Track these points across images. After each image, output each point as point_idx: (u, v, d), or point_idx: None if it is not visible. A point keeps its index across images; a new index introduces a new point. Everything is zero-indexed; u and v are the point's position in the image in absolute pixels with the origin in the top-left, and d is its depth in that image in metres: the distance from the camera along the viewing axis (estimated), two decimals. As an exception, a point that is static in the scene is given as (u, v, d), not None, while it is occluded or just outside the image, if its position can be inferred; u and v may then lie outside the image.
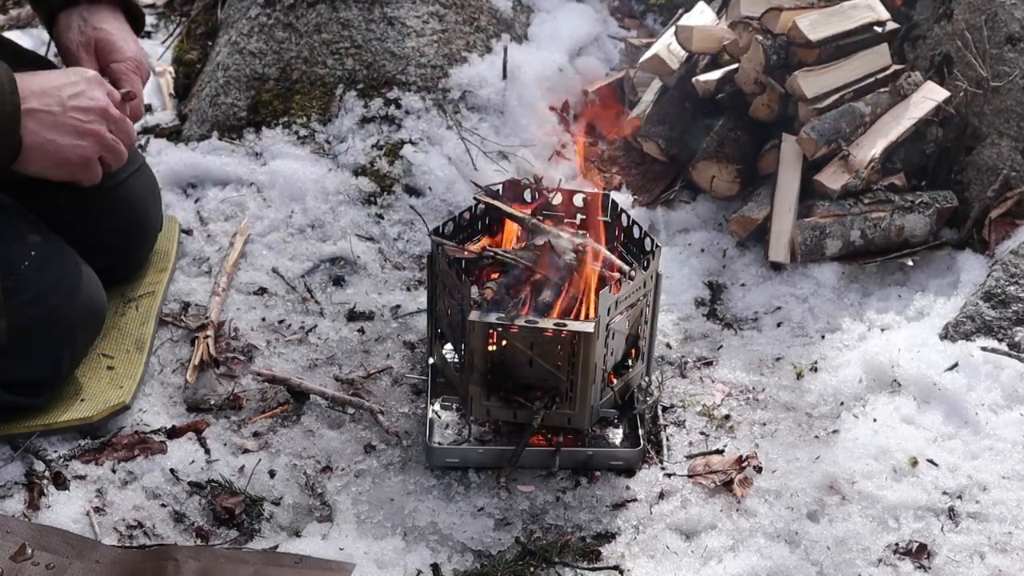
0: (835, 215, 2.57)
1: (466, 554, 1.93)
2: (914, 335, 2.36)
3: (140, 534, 1.92)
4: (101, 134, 1.90)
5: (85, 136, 1.88)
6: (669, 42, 2.87)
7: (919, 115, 2.67)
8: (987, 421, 2.17)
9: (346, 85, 2.86)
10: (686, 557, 1.93)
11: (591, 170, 2.87)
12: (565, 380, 2.02)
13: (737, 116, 2.75)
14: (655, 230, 2.71)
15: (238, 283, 2.49)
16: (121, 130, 1.95)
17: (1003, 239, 2.55)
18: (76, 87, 1.88)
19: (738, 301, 2.55)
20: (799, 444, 2.16)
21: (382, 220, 2.68)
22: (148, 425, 2.13)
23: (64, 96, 1.85)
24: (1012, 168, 2.61)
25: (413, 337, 2.39)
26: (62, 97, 1.85)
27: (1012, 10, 2.69)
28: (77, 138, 1.87)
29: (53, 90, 1.85)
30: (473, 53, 2.96)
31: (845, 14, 2.73)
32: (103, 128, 1.90)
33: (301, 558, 1.85)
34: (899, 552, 1.95)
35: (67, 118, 1.85)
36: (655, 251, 2.10)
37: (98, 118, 1.89)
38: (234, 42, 2.96)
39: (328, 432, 2.15)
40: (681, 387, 2.31)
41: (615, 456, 2.10)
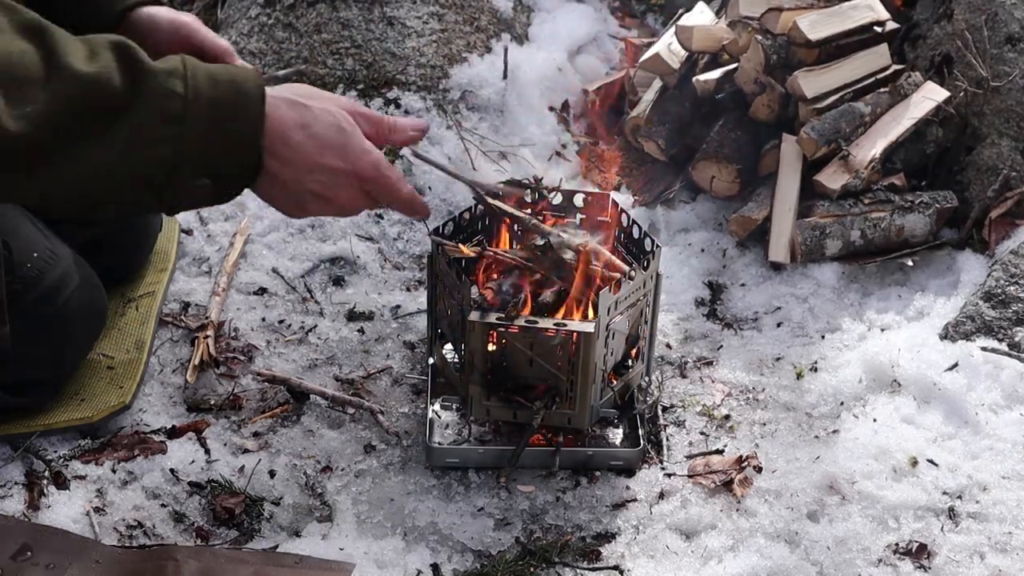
0: (835, 215, 2.58)
1: (466, 554, 1.93)
2: (914, 335, 2.36)
3: (140, 534, 1.92)
4: (326, 213, 1.67)
5: (309, 213, 1.66)
6: (669, 42, 2.87)
7: (919, 115, 2.67)
8: (987, 421, 2.17)
9: (346, 85, 2.86)
10: (686, 557, 1.93)
11: (595, 171, 2.87)
12: (565, 380, 2.02)
13: (737, 116, 2.75)
14: (655, 230, 2.71)
15: (238, 283, 2.49)
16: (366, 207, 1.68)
17: (1003, 239, 2.55)
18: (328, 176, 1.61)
19: (738, 301, 2.55)
20: (799, 444, 2.16)
21: (382, 220, 2.68)
22: (148, 425, 2.13)
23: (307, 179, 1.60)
24: (1012, 168, 2.61)
25: (413, 337, 2.39)
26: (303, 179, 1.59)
27: (1012, 10, 2.69)
28: (298, 210, 1.65)
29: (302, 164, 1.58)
30: (473, 53, 2.96)
31: (845, 14, 2.73)
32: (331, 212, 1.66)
33: (301, 558, 1.85)
34: (899, 552, 1.95)
35: (296, 196, 1.62)
36: (655, 251, 2.10)
37: (332, 208, 1.65)
38: (234, 42, 2.96)
39: (328, 432, 2.16)
40: (681, 387, 2.31)
41: (615, 456, 2.10)
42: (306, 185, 1.61)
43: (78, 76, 1.45)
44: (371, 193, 1.66)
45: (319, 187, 1.62)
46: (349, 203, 1.66)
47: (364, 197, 1.66)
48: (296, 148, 1.58)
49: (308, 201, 1.63)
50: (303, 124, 1.58)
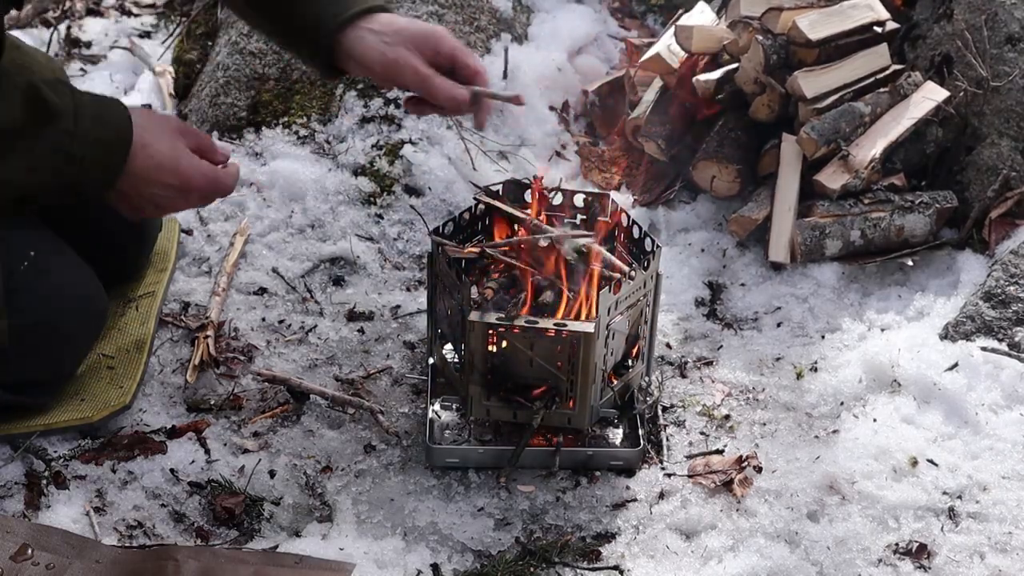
0: (835, 215, 2.57)
1: (466, 554, 1.93)
2: (914, 335, 2.36)
3: (140, 534, 1.92)
4: (177, 207, 1.91)
5: (162, 209, 1.90)
6: (669, 42, 2.87)
7: (919, 115, 2.67)
8: (987, 421, 2.17)
9: (346, 85, 2.86)
10: (686, 557, 1.93)
11: (595, 171, 2.87)
12: (565, 380, 2.02)
13: (737, 116, 2.75)
14: (655, 230, 2.71)
15: (238, 283, 2.49)
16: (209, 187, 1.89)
17: (1003, 239, 2.55)
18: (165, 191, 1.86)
19: (738, 301, 2.55)
20: (799, 444, 2.16)
21: (382, 220, 2.68)
22: (148, 425, 2.13)
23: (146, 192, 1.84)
24: (1012, 168, 2.61)
25: (413, 337, 2.39)
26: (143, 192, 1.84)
27: (1012, 10, 2.69)
28: (155, 210, 1.89)
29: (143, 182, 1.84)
30: (473, 53, 2.96)
31: (845, 14, 2.73)
32: (182, 202, 1.89)
33: (301, 558, 1.85)
34: (899, 552, 1.95)
35: (143, 203, 1.87)
36: (655, 251, 2.10)
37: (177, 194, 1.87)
38: (234, 42, 2.96)
39: (328, 432, 2.16)
40: (681, 387, 2.31)
41: (615, 456, 2.10)
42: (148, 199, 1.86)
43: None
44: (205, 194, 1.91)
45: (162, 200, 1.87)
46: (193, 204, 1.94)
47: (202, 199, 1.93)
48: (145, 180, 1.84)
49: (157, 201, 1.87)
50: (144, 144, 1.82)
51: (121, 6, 3.62)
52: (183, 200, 1.89)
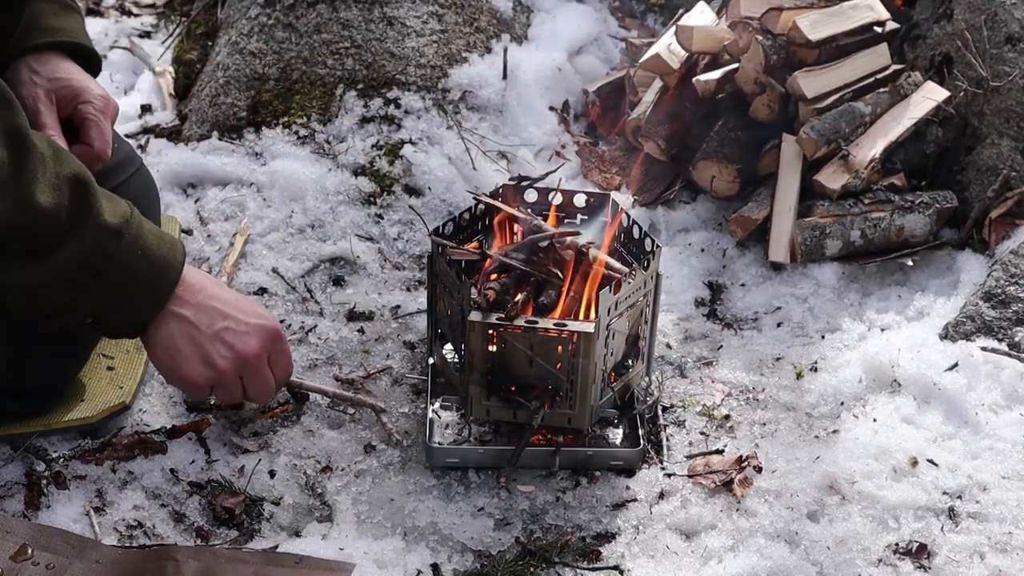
0: (835, 215, 2.58)
1: (466, 554, 1.93)
2: (914, 335, 2.36)
3: (140, 534, 1.92)
4: (224, 374, 1.81)
5: (207, 366, 1.79)
6: (669, 42, 2.87)
7: (919, 115, 2.67)
8: (987, 421, 2.17)
9: (346, 85, 2.87)
10: (686, 557, 1.93)
11: (595, 171, 2.87)
12: (565, 380, 2.02)
13: (737, 116, 2.75)
14: (655, 230, 2.71)
15: (238, 283, 2.49)
16: (254, 384, 1.86)
17: (1003, 239, 2.55)
18: (239, 325, 1.79)
19: (738, 301, 2.55)
20: (799, 444, 2.16)
21: (382, 220, 2.68)
22: (148, 425, 2.13)
23: (218, 326, 1.77)
24: (1012, 168, 2.61)
25: (413, 337, 2.39)
26: (215, 325, 1.77)
27: (1012, 10, 2.69)
28: (199, 363, 1.79)
29: (216, 313, 1.77)
30: (473, 53, 2.96)
31: (845, 14, 2.73)
32: (230, 369, 1.81)
33: (301, 558, 1.85)
34: (899, 552, 1.95)
35: (206, 340, 1.77)
36: (655, 251, 2.10)
37: (234, 359, 1.80)
38: (234, 42, 2.96)
39: (328, 432, 2.16)
40: (681, 387, 2.31)
41: (615, 456, 2.10)
42: (219, 333, 1.78)
43: (32, 207, 1.61)
44: (271, 355, 1.84)
45: (231, 336, 1.79)
46: (255, 359, 1.82)
47: (265, 356, 1.84)
48: (211, 299, 1.78)
49: (216, 353, 1.78)
50: (217, 283, 1.80)
51: (121, 6, 3.62)
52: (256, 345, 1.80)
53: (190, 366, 1.80)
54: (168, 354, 1.79)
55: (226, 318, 1.78)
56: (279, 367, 1.89)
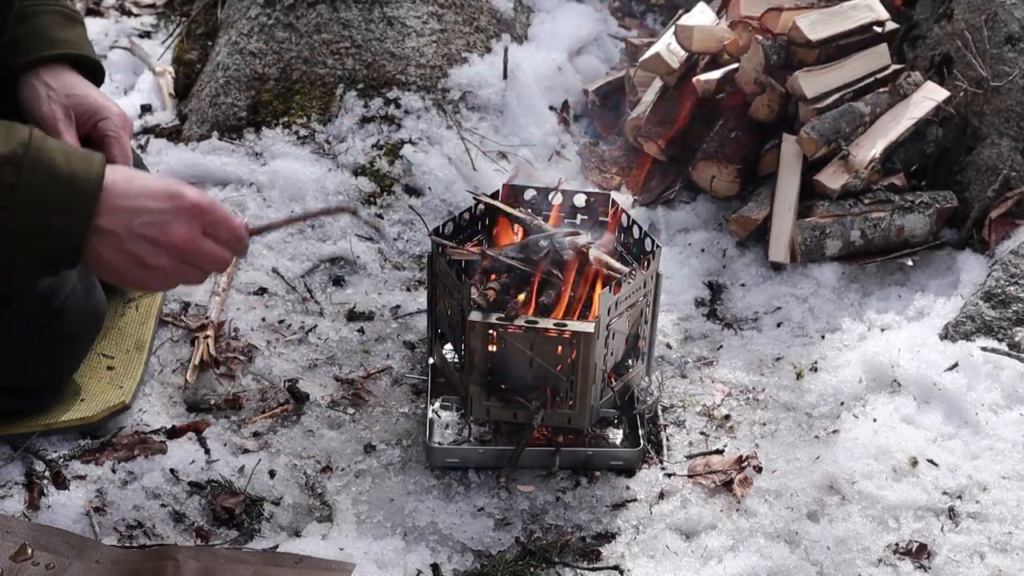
0: (835, 215, 2.58)
1: (466, 554, 1.93)
2: (914, 335, 2.36)
3: (140, 534, 1.92)
4: (164, 268, 1.67)
5: (145, 268, 1.65)
6: (669, 42, 2.87)
7: (919, 115, 2.67)
8: (987, 421, 2.17)
9: (346, 85, 2.87)
10: (686, 557, 1.93)
11: (595, 171, 2.87)
12: (565, 380, 2.02)
13: (737, 116, 2.75)
14: (655, 230, 2.71)
15: (238, 283, 2.49)
16: (200, 261, 1.70)
17: (1003, 239, 2.55)
18: (155, 216, 1.64)
19: (738, 301, 2.55)
20: (799, 444, 2.16)
21: (382, 220, 2.68)
22: (148, 425, 2.13)
23: (135, 223, 1.62)
24: (1012, 168, 2.61)
25: (413, 337, 2.39)
26: (132, 223, 1.62)
27: (1012, 10, 2.69)
28: (136, 267, 1.66)
29: (127, 211, 1.62)
30: (473, 53, 2.96)
31: (845, 14, 2.73)
32: (168, 262, 1.66)
33: (301, 558, 1.85)
34: (899, 552, 1.95)
35: (131, 245, 1.63)
36: (655, 251, 2.10)
37: (165, 252, 1.66)
38: (234, 42, 2.96)
39: (328, 432, 2.16)
40: (681, 387, 2.31)
41: (615, 456, 2.10)
42: (136, 230, 1.62)
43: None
44: (205, 228, 1.68)
45: (151, 229, 1.63)
46: (185, 243, 1.65)
47: (198, 234, 1.67)
48: (120, 197, 1.62)
49: (144, 252, 1.63)
50: (128, 177, 1.63)
51: (121, 6, 3.62)
52: (180, 228, 1.65)
53: (130, 274, 1.67)
54: (108, 271, 1.67)
55: (140, 213, 1.63)
56: (221, 235, 1.71)
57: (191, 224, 1.66)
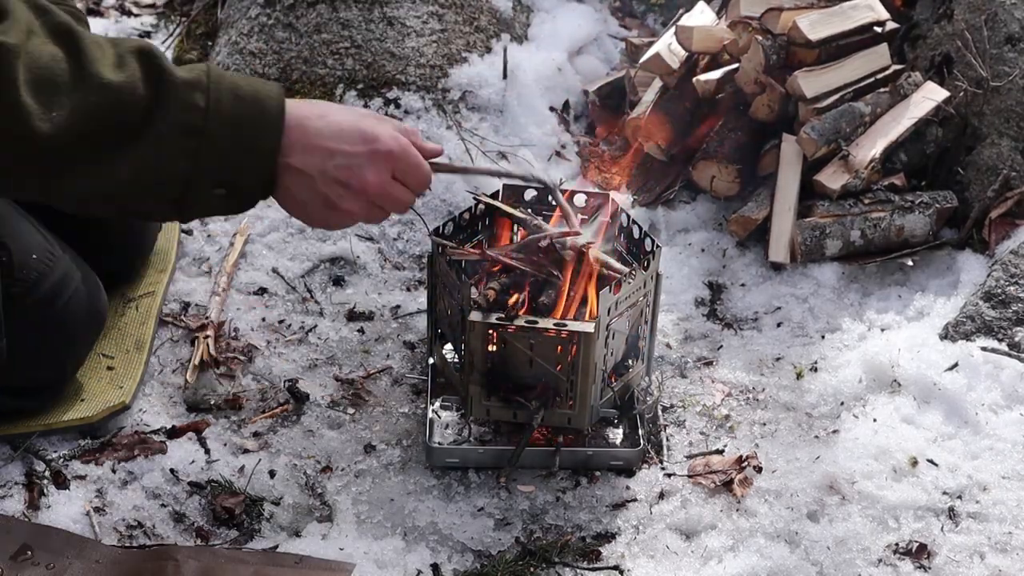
0: (835, 215, 2.58)
1: (466, 554, 1.93)
2: (914, 335, 2.36)
3: (140, 534, 1.92)
4: (352, 213, 1.67)
5: (335, 210, 1.66)
6: (669, 42, 2.87)
7: (919, 115, 2.67)
8: (987, 421, 2.17)
9: (346, 85, 2.87)
10: (686, 557, 1.93)
11: (595, 171, 2.87)
12: (565, 380, 2.02)
13: (737, 116, 2.75)
14: (655, 230, 2.71)
15: (238, 283, 2.49)
16: (390, 204, 1.70)
17: (1003, 239, 2.55)
18: (349, 159, 1.63)
19: (738, 301, 2.55)
20: (799, 444, 2.16)
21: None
22: (148, 425, 2.13)
23: (329, 165, 1.62)
24: (1012, 168, 2.61)
25: (413, 337, 2.39)
26: (326, 166, 1.62)
27: (1012, 10, 2.69)
28: (325, 209, 1.66)
29: (321, 151, 1.61)
30: (473, 53, 2.96)
31: (845, 14, 2.73)
32: (358, 206, 1.67)
33: (301, 558, 1.85)
34: (899, 552, 1.95)
35: (324, 187, 1.63)
36: (655, 251, 2.10)
37: (355, 197, 1.65)
38: (234, 42, 2.96)
39: (328, 432, 2.16)
40: (681, 387, 2.31)
41: (615, 456, 2.10)
42: (330, 174, 1.62)
43: (104, 85, 1.49)
44: (396, 173, 1.67)
45: (344, 173, 1.63)
46: (377, 188, 1.66)
47: (389, 179, 1.67)
48: (315, 136, 1.61)
49: (336, 195, 1.63)
50: (321, 114, 1.62)
51: (121, 6, 3.62)
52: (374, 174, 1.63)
53: (320, 215, 1.67)
54: (297, 208, 1.66)
55: (333, 155, 1.62)
56: (411, 180, 1.71)
57: (384, 169, 1.66)
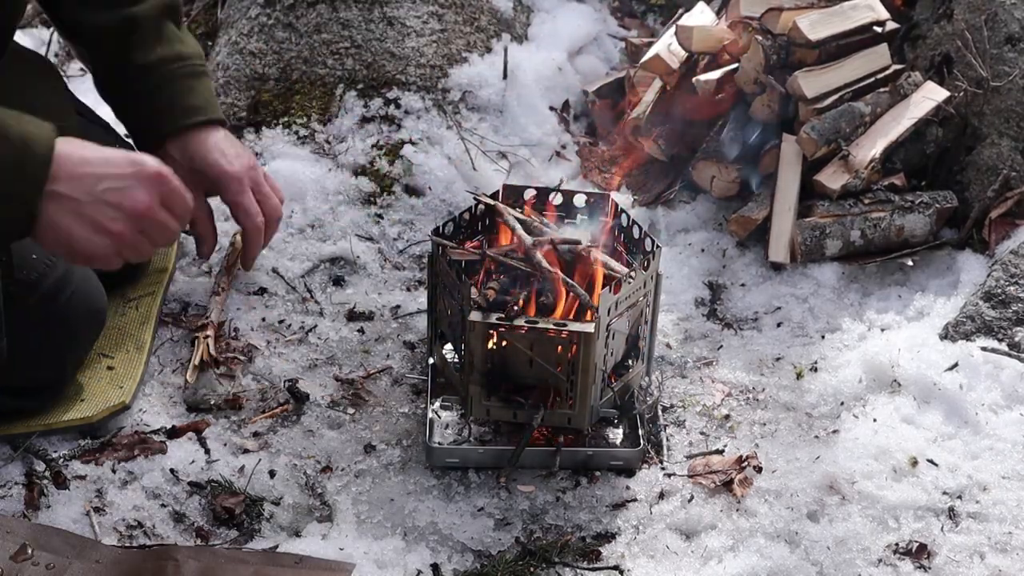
0: (835, 215, 2.58)
1: (466, 554, 1.93)
2: (914, 335, 2.36)
3: (140, 534, 1.92)
4: (122, 235, 1.66)
5: (103, 234, 1.64)
6: (669, 42, 2.87)
7: (919, 115, 2.67)
8: (987, 421, 2.17)
9: (346, 85, 2.87)
10: (686, 557, 1.93)
11: (596, 171, 2.87)
12: (565, 380, 2.02)
13: (737, 116, 2.75)
14: (655, 230, 2.71)
15: (238, 283, 2.49)
16: (155, 231, 1.70)
17: (1003, 239, 2.55)
18: (117, 181, 1.64)
19: (738, 301, 2.55)
20: (799, 444, 2.16)
21: (382, 220, 2.68)
22: (148, 425, 2.13)
23: (98, 188, 1.62)
24: (1012, 168, 2.61)
25: (413, 337, 2.39)
26: (95, 189, 1.62)
27: (1012, 10, 2.69)
28: (93, 233, 1.64)
29: (89, 177, 1.62)
30: (473, 53, 2.96)
31: (845, 14, 2.73)
32: (127, 229, 1.65)
33: (301, 558, 1.85)
34: (899, 552, 1.95)
35: (91, 209, 1.62)
36: (655, 251, 2.10)
37: (126, 218, 1.65)
38: (234, 42, 2.96)
39: (328, 432, 2.16)
40: (681, 387, 2.31)
41: (615, 456, 2.10)
42: (100, 196, 1.61)
43: None
44: (163, 198, 1.67)
45: (114, 196, 1.62)
46: (146, 210, 1.65)
47: (158, 203, 1.67)
48: (81, 164, 1.61)
49: (105, 216, 1.62)
50: (84, 145, 1.62)
51: (121, 6, 3.61)
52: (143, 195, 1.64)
53: (86, 241, 1.64)
54: (60, 238, 1.64)
55: (102, 179, 1.63)
56: (176, 207, 1.71)
57: (152, 192, 1.66)
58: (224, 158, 1.96)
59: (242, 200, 1.97)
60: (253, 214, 1.98)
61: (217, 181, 1.96)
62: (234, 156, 1.97)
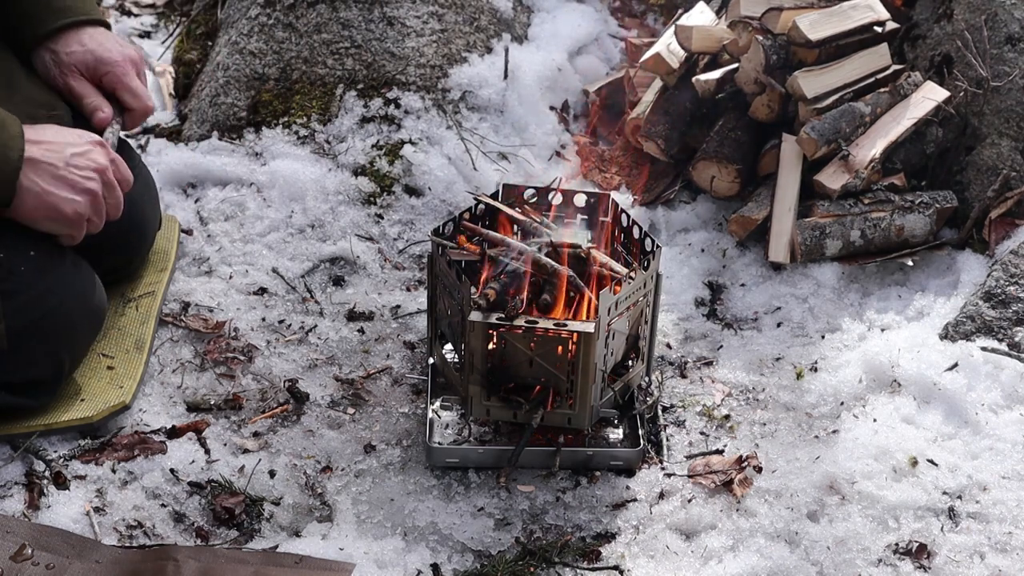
0: (835, 215, 2.57)
1: (466, 554, 1.94)
2: (914, 335, 2.36)
3: (140, 534, 1.92)
4: (96, 193, 1.94)
5: (81, 192, 1.92)
6: (669, 42, 2.87)
7: (919, 115, 2.67)
8: (987, 421, 2.17)
9: (346, 85, 2.87)
10: (686, 557, 1.93)
11: (596, 171, 2.87)
12: (565, 380, 2.02)
13: (737, 116, 2.75)
14: (655, 230, 2.71)
15: (238, 283, 2.49)
16: (112, 196, 1.99)
17: (1003, 239, 2.55)
18: (80, 147, 1.92)
19: (738, 301, 2.55)
20: (799, 444, 2.16)
21: (382, 220, 2.68)
22: (148, 425, 2.13)
23: (67, 153, 1.90)
24: (1012, 168, 2.61)
25: (413, 337, 2.39)
26: (64, 153, 1.90)
27: (1012, 10, 2.69)
28: (73, 192, 1.91)
29: (57, 145, 1.90)
30: (473, 53, 2.96)
31: (845, 14, 2.73)
32: (99, 188, 1.94)
33: (301, 558, 1.85)
34: (899, 552, 1.95)
35: (67, 172, 1.90)
36: (655, 251, 2.10)
37: (96, 177, 1.93)
38: (234, 42, 2.96)
39: (328, 432, 2.16)
40: (681, 387, 2.31)
41: (615, 456, 2.10)
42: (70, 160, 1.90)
43: None
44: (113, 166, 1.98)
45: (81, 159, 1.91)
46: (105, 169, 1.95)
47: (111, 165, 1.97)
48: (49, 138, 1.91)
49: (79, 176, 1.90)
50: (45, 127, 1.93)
51: (121, 6, 3.62)
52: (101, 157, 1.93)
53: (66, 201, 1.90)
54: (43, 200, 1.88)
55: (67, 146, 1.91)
56: (120, 169, 2.00)
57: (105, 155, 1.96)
58: (108, 50, 2.13)
59: (130, 82, 2.15)
60: (143, 95, 2.16)
61: (101, 66, 2.12)
62: (119, 47, 2.15)
